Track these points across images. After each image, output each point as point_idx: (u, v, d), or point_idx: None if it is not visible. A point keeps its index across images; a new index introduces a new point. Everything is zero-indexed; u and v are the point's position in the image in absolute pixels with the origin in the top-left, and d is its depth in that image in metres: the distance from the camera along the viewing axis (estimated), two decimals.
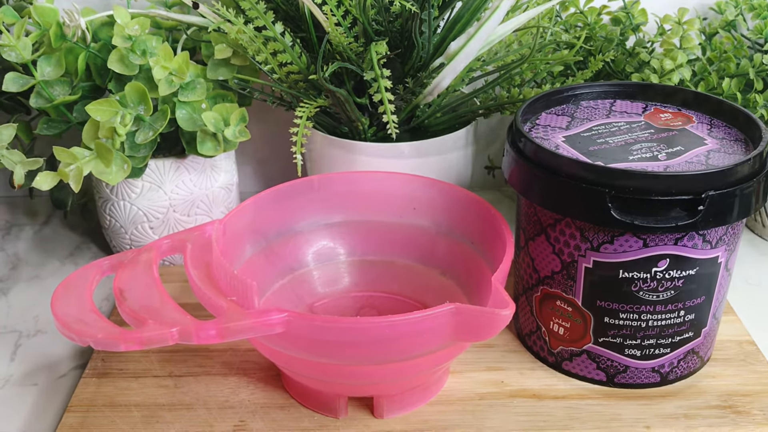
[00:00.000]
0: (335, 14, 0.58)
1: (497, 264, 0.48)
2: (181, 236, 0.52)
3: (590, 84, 0.59)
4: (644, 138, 0.53)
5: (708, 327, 0.53)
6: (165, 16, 0.65)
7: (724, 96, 0.64)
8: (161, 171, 0.64)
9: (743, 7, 0.70)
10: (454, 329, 0.44)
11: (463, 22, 0.61)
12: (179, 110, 0.61)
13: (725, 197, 0.47)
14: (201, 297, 0.47)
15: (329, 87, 0.59)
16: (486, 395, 0.53)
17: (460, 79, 0.65)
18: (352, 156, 0.63)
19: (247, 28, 0.59)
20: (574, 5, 0.72)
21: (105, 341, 0.43)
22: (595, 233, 0.49)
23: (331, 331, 0.44)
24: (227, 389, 0.54)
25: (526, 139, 0.51)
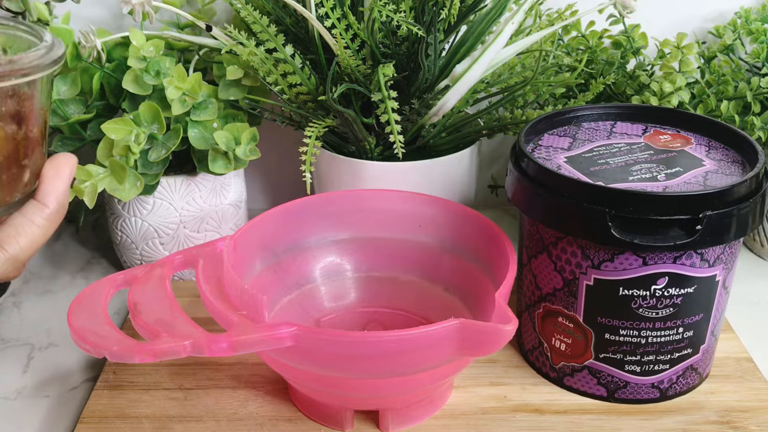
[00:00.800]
0: (344, 37, 0.60)
1: (500, 281, 0.50)
2: (193, 251, 0.53)
3: (591, 106, 0.61)
4: (644, 159, 0.54)
5: (706, 344, 0.54)
6: (178, 37, 0.66)
7: (723, 118, 0.66)
8: (172, 188, 0.66)
9: (741, 31, 0.71)
10: (459, 344, 0.45)
11: (468, 45, 0.63)
12: (191, 129, 0.62)
13: (723, 217, 0.48)
14: (212, 311, 0.48)
15: (338, 108, 0.60)
16: (489, 410, 0.54)
17: (465, 100, 0.66)
18: (359, 174, 0.65)
19: (258, 50, 0.61)
20: (576, 29, 0.74)
21: (120, 353, 0.44)
22: (596, 251, 0.50)
23: (339, 345, 0.45)
24: (236, 402, 0.55)
25: (529, 160, 0.53)
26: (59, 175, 0.39)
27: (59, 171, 0.39)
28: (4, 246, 0.37)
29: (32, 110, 0.38)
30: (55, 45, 0.39)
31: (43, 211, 0.38)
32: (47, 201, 0.38)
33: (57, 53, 0.39)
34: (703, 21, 0.78)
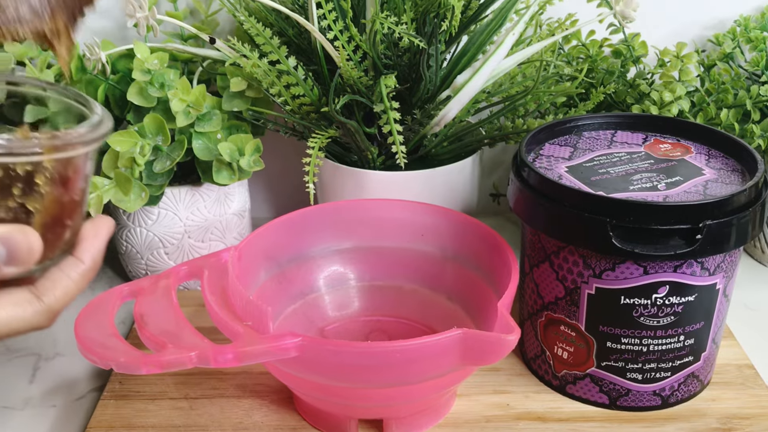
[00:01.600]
0: (346, 49, 0.61)
1: (503, 290, 0.50)
2: (198, 262, 0.54)
3: (592, 115, 0.62)
4: (644, 168, 0.55)
5: (707, 351, 0.54)
6: (182, 49, 0.67)
7: (722, 126, 0.66)
8: (177, 198, 0.66)
9: (740, 39, 0.72)
10: (462, 353, 0.45)
11: (469, 56, 0.63)
12: (196, 140, 0.63)
13: (722, 226, 0.49)
14: (218, 322, 0.49)
15: (340, 119, 0.61)
16: (492, 418, 0.54)
17: (466, 110, 0.67)
18: (362, 184, 0.65)
19: (261, 62, 0.61)
20: (577, 38, 0.74)
21: (127, 365, 0.45)
22: (597, 261, 0.51)
23: (344, 355, 0.45)
24: (241, 411, 0.55)
25: (530, 169, 0.53)
26: (97, 235, 0.42)
27: (98, 232, 0.42)
28: (41, 297, 0.39)
29: (79, 176, 0.40)
30: (104, 118, 0.41)
31: (79, 266, 0.41)
32: (84, 258, 0.41)
33: (107, 127, 0.41)
34: (703, 29, 0.79)
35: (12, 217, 0.37)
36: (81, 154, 0.39)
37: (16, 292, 0.39)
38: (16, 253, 0.36)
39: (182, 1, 0.75)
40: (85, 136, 0.39)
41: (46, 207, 0.38)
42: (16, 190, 0.37)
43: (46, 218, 0.38)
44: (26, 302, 0.39)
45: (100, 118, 0.41)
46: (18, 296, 0.39)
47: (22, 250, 0.36)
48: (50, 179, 0.38)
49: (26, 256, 0.37)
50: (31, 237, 0.37)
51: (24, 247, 0.36)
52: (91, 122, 0.40)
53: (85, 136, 0.39)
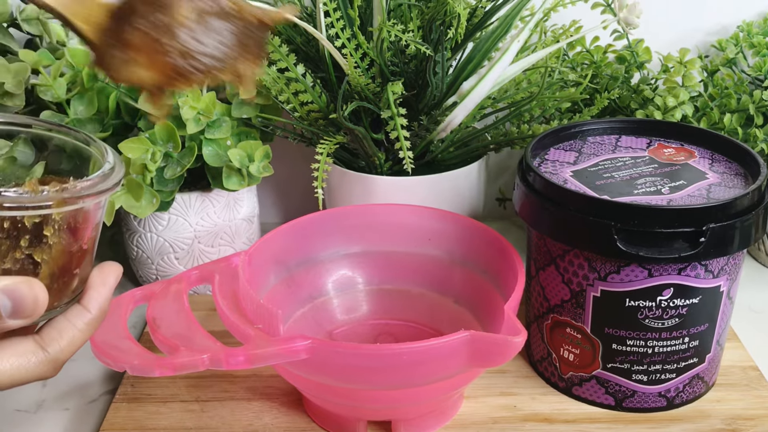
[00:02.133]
0: (354, 56, 0.61)
1: (509, 293, 0.51)
2: (209, 267, 0.55)
3: (596, 120, 0.62)
4: (648, 172, 0.55)
5: (712, 353, 0.55)
6: None
7: (726, 131, 0.67)
8: (187, 204, 0.67)
9: (743, 45, 0.72)
10: (469, 356, 0.46)
11: (475, 62, 0.64)
12: (206, 147, 0.64)
13: (726, 229, 0.49)
14: (229, 325, 0.50)
15: (348, 125, 0.62)
16: (499, 419, 0.55)
17: (472, 116, 0.68)
18: (370, 189, 0.66)
19: (270, 70, 0.62)
20: (581, 45, 0.75)
21: (141, 367, 0.46)
22: (603, 264, 0.51)
23: (353, 357, 0.46)
24: (251, 414, 0.56)
25: (536, 174, 0.54)
26: (105, 283, 0.41)
27: (105, 279, 0.41)
28: (46, 348, 0.38)
29: (89, 226, 0.39)
30: (116, 166, 0.40)
31: (86, 316, 0.40)
32: (90, 307, 0.40)
33: (118, 176, 0.39)
34: (706, 35, 0.79)
35: (19, 268, 0.36)
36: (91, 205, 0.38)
37: (21, 343, 0.38)
38: (21, 306, 0.35)
39: None
40: (95, 187, 0.37)
41: (54, 258, 0.37)
42: (23, 241, 0.36)
43: (54, 269, 0.37)
44: (31, 353, 0.38)
45: (112, 166, 0.39)
46: (22, 347, 0.38)
47: (27, 303, 0.36)
48: (59, 230, 0.37)
49: (31, 309, 0.36)
50: (37, 289, 0.36)
51: (29, 300, 0.36)
52: (102, 171, 0.39)
53: (95, 188, 0.37)
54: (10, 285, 0.35)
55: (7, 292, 0.35)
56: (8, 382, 0.37)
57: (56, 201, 0.36)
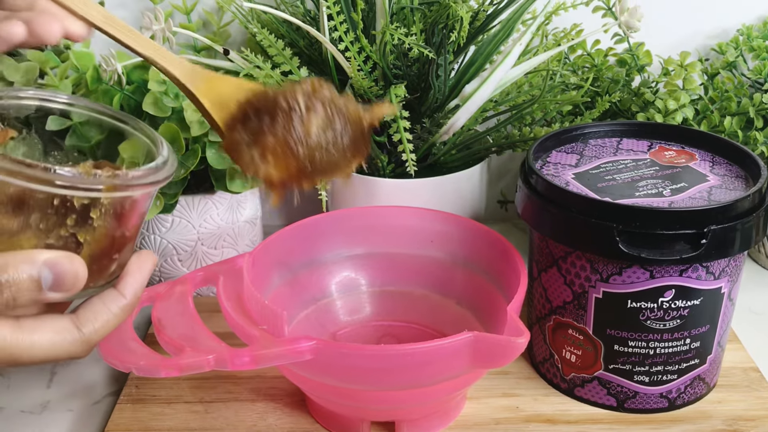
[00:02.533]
0: (357, 59, 0.62)
1: (512, 294, 0.51)
2: (213, 268, 0.55)
3: (598, 123, 0.63)
4: (650, 175, 0.56)
5: (713, 354, 0.55)
6: (195, 60, 0.68)
7: (726, 134, 0.67)
8: (190, 206, 0.68)
9: (743, 48, 0.73)
10: (472, 356, 0.46)
11: (477, 66, 0.64)
12: (209, 149, 0.64)
13: (727, 231, 0.50)
14: (234, 326, 0.50)
15: None
16: (502, 420, 0.55)
17: (474, 118, 0.68)
18: (372, 191, 0.66)
19: (274, 73, 0.63)
20: (582, 48, 0.75)
21: (147, 368, 0.46)
22: (605, 265, 0.52)
23: (357, 357, 0.46)
24: (255, 414, 0.56)
25: (538, 176, 0.54)
26: (141, 270, 0.42)
27: (142, 266, 0.42)
28: (81, 327, 0.39)
29: (135, 214, 0.40)
30: (169, 160, 0.41)
31: (120, 301, 0.41)
32: (126, 292, 0.41)
33: (170, 170, 0.41)
34: (706, 38, 0.80)
35: (62, 245, 0.37)
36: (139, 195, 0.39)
37: (58, 320, 0.39)
38: (62, 280, 0.37)
39: (194, 13, 0.76)
40: (145, 178, 0.39)
41: (97, 239, 0.38)
42: (69, 220, 0.37)
43: (95, 250, 0.38)
44: (66, 331, 0.39)
45: (165, 160, 0.41)
46: (59, 324, 0.39)
47: (68, 278, 0.37)
48: (105, 214, 0.38)
49: (71, 283, 0.37)
50: (77, 265, 0.37)
51: (70, 275, 0.37)
52: (156, 164, 0.40)
53: (145, 179, 0.39)
54: (52, 258, 0.36)
55: (49, 264, 0.36)
56: (43, 357, 0.38)
57: (106, 186, 0.37)
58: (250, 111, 0.42)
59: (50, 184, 0.35)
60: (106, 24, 0.44)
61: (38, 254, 0.36)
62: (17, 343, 0.37)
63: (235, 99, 0.44)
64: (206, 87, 0.45)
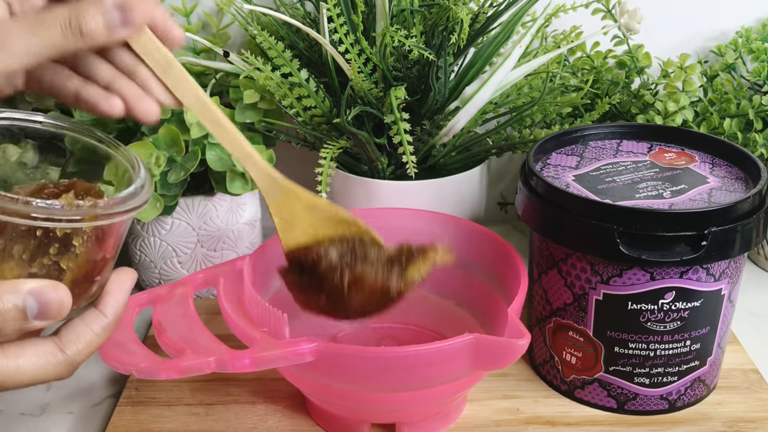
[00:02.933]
0: (357, 61, 0.62)
1: (512, 296, 0.51)
2: (213, 271, 0.55)
3: (598, 125, 0.63)
4: (650, 177, 0.56)
5: (713, 356, 0.55)
6: (195, 62, 0.68)
7: (726, 136, 0.67)
8: (190, 208, 0.68)
9: (742, 50, 0.73)
10: (473, 358, 0.46)
11: (477, 68, 0.65)
12: (209, 151, 0.64)
13: (727, 233, 0.50)
14: (235, 328, 0.50)
15: (351, 129, 0.62)
16: (502, 422, 0.55)
17: (474, 120, 0.68)
18: (372, 193, 0.66)
19: (274, 75, 0.63)
20: (582, 50, 0.75)
21: (148, 370, 0.46)
22: (605, 267, 0.52)
23: (359, 359, 0.46)
24: (255, 417, 0.56)
25: (538, 178, 0.54)
26: (121, 288, 0.42)
27: (121, 285, 0.42)
28: (65, 349, 0.40)
29: (115, 237, 0.41)
30: (146, 182, 0.42)
31: (102, 320, 0.41)
32: (107, 312, 0.41)
33: (149, 192, 0.41)
34: (705, 40, 0.80)
35: (45, 273, 0.38)
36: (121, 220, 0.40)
37: (41, 344, 0.39)
38: (47, 308, 0.37)
39: (194, 15, 0.76)
40: (127, 204, 0.39)
41: (79, 265, 0.39)
42: (52, 249, 0.38)
43: (78, 275, 0.39)
44: (50, 354, 0.39)
45: (143, 182, 0.41)
46: (43, 348, 0.39)
47: (53, 306, 0.37)
48: (86, 241, 0.38)
49: (57, 311, 0.37)
50: (62, 293, 0.37)
51: (55, 303, 0.37)
52: (135, 188, 0.40)
53: (127, 205, 0.39)
54: (37, 287, 0.37)
55: (34, 294, 0.37)
56: (28, 381, 0.38)
57: (88, 216, 0.37)
58: (306, 262, 0.48)
59: (31, 217, 0.36)
60: (199, 112, 0.46)
61: (22, 284, 0.37)
62: (2, 369, 0.37)
63: (305, 220, 0.49)
64: (282, 201, 0.49)
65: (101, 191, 0.43)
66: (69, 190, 0.42)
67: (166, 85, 0.45)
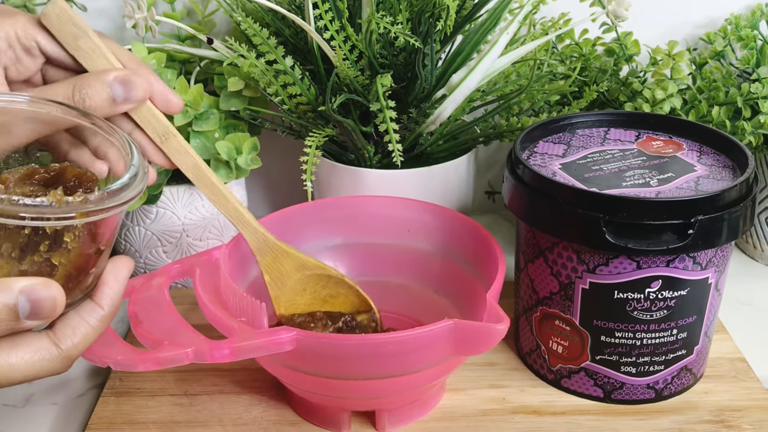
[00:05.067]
0: (342, 48, 0.61)
1: (490, 281, 0.51)
2: (190, 261, 0.54)
3: (585, 113, 0.62)
4: (637, 165, 0.55)
5: (700, 345, 0.55)
6: (179, 49, 0.68)
7: (714, 124, 0.67)
8: (175, 197, 0.67)
9: (731, 37, 0.73)
10: (453, 344, 0.46)
11: (464, 55, 0.64)
12: (194, 139, 0.64)
13: (714, 221, 0.49)
14: (212, 319, 0.49)
15: (337, 117, 0.62)
16: (488, 411, 0.55)
17: (461, 108, 0.67)
18: (359, 182, 0.66)
19: (258, 62, 0.62)
20: (570, 37, 0.75)
21: (124, 362, 0.45)
22: (591, 256, 0.51)
23: (338, 347, 0.46)
24: (240, 407, 0.56)
25: (525, 167, 0.54)
26: (117, 279, 0.41)
27: (117, 275, 0.41)
28: (60, 344, 0.38)
29: (109, 230, 0.39)
30: (140, 171, 0.40)
31: (98, 312, 0.40)
32: (103, 303, 0.40)
33: (142, 182, 0.40)
34: (694, 28, 0.79)
35: (36, 270, 0.36)
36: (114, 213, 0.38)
37: (35, 339, 0.38)
38: (39, 307, 0.35)
39: (179, 2, 0.76)
40: (118, 198, 0.37)
41: (72, 260, 0.37)
42: (43, 246, 0.36)
43: (71, 270, 0.38)
44: (45, 349, 0.38)
45: (136, 170, 0.39)
46: (37, 343, 0.38)
47: (46, 305, 0.36)
48: (78, 236, 0.37)
49: (50, 310, 0.36)
50: (55, 291, 0.36)
51: (48, 301, 0.36)
52: (128, 177, 0.39)
53: (119, 198, 0.37)
54: (28, 286, 0.35)
55: (25, 292, 0.35)
56: (22, 378, 0.37)
57: (79, 214, 0.36)
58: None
59: (18, 217, 0.34)
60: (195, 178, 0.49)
61: (13, 282, 0.35)
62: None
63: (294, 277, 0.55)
64: (271, 260, 0.54)
65: (94, 176, 0.41)
66: (61, 174, 0.41)
67: (162, 151, 0.47)
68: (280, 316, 0.55)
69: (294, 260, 0.54)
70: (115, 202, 0.37)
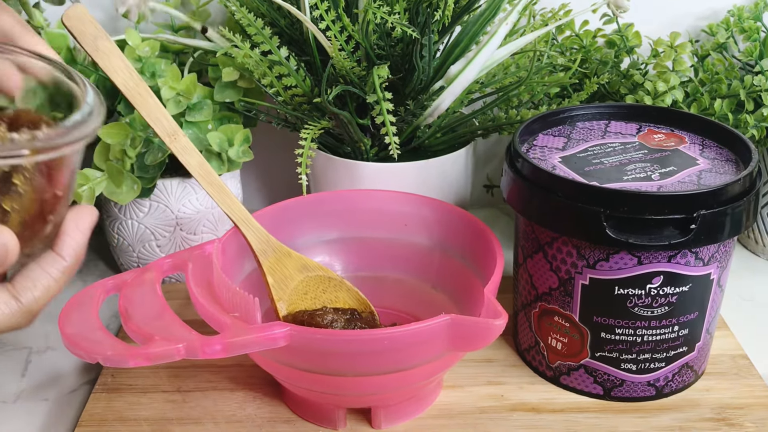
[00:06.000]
0: (339, 39, 0.60)
1: (488, 276, 0.50)
2: (182, 255, 0.53)
3: (586, 105, 0.61)
4: (638, 158, 0.54)
5: (702, 341, 0.54)
6: (173, 40, 0.67)
7: (716, 116, 0.66)
8: (168, 190, 0.66)
9: (734, 29, 0.72)
10: (450, 339, 0.45)
11: (462, 46, 0.63)
12: (186, 130, 0.63)
13: (717, 216, 0.48)
14: (204, 314, 0.48)
15: (333, 109, 0.60)
16: (487, 409, 0.54)
17: (460, 101, 0.66)
18: (355, 175, 0.65)
19: (253, 53, 0.61)
20: (570, 29, 0.74)
21: (114, 358, 0.44)
22: (591, 251, 0.50)
23: (333, 343, 0.45)
24: (234, 404, 0.55)
25: (524, 160, 0.53)
26: (79, 228, 0.38)
27: (79, 224, 0.38)
28: (19, 297, 0.37)
29: (64, 172, 0.37)
30: (95, 107, 0.37)
31: (60, 263, 0.38)
32: (65, 254, 0.38)
33: (97, 120, 0.37)
34: (697, 19, 0.78)
35: None
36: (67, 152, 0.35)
37: None
38: None
39: None
40: (71, 135, 0.35)
41: (25, 206, 0.35)
42: None
43: (25, 216, 0.35)
44: (3, 303, 0.36)
45: (91, 108, 0.37)
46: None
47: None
48: (30, 179, 0.35)
49: (2, 258, 0.34)
50: (6, 237, 0.34)
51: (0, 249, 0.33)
52: (81, 115, 0.36)
53: (71, 136, 0.35)
54: None
55: None
56: None
57: (29, 152, 0.33)
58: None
59: None
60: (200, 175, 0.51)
61: None
62: None
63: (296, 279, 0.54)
64: (274, 262, 0.54)
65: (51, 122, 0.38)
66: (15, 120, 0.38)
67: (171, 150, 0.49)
68: (284, 318, 0.54)
69: (296, 262, 0.54)
70: (67, 139, 0.34)
